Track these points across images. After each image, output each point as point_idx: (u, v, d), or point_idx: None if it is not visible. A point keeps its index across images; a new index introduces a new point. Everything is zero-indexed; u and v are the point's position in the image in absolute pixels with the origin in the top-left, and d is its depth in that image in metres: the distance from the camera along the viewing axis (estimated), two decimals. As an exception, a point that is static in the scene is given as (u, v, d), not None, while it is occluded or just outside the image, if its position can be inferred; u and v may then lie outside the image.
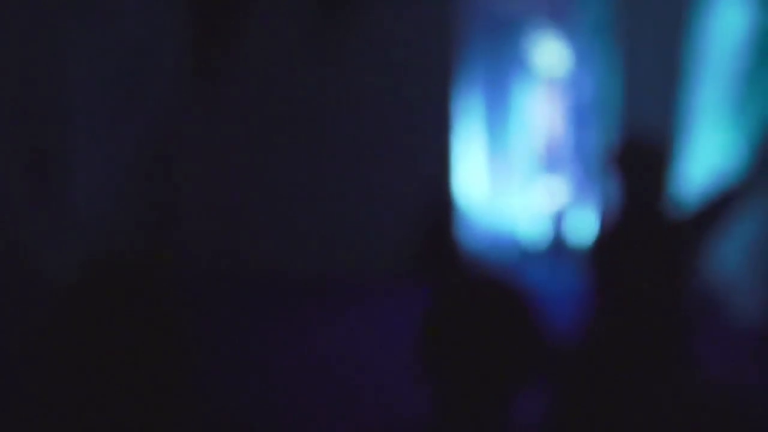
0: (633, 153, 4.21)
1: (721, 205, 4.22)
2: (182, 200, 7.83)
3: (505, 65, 9.73)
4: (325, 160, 9.45)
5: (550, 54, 9.56)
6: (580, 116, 9.53)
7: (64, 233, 6.13)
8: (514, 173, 9.81)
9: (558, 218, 9.72)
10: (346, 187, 9.41)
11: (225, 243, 9.51)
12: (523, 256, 9.71)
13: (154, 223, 7.44)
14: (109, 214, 6.69)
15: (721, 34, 7.58)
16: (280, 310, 8.21)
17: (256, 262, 9.45)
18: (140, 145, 7.25)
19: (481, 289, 2.07)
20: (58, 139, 6.22)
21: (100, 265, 2.07)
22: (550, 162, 9.71)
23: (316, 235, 9.43)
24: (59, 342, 1.96)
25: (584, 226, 9.33)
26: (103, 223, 6.64)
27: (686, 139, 7.73)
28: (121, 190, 6.92)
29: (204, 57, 9.33)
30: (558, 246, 9.68)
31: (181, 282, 2.10)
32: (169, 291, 2.03)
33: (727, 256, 7.71)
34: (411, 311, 2.12)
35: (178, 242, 7.73)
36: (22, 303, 5.61)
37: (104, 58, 6.76)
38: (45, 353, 1.97)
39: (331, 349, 7.25)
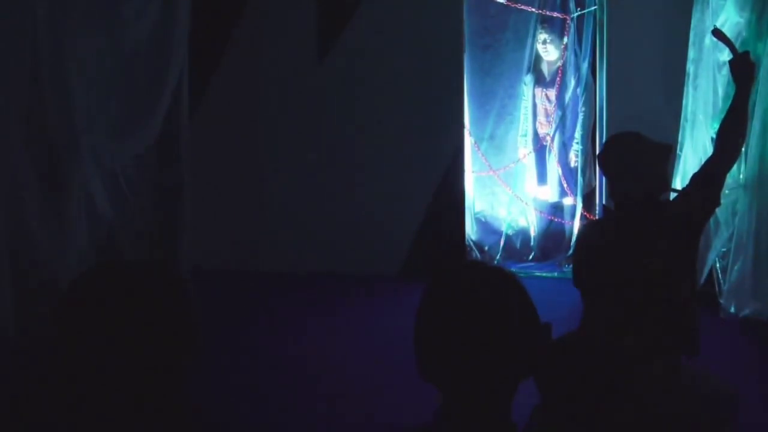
0: (625, 148, 4.20)
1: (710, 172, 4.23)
2: (185, 199, 7.85)
3: (501, 59, 9.74)
4: (330, 159, 9.46)
5: (545, 47, 9.56)
6: (572, 110, 9.53)
7: (69, 233, 6.16)
8: (508, 167, 9.82)
9: (550, 211, 9.72)
10: (351, 186, 9.42)
11: (228, 243, 9.53)
12: (517, 249, 9.71)
13: (160, 223, 7.46)
14: (113, 214, 6.72)
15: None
16: (281, 310, 8.22)
17: (258, 262, 9.47)
18: (145, 146, 7.28)
19: (476, 284, 2.09)
20: (62, 139, 6.25)
21: (104, 266, 2.09)
22: (543, 156, 9.72)
23: (321, 234, 9.43)
24: (63, 341, 1.98)
25: (576, 219, 9.36)
26: (107, 224, 6.66)
27: (678, 136, 7.74)
28: (125, 191, 6.94)
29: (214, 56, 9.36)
30: (550, 238, 9.68)
31: (184, 282, 2.12)
32: (171, 290, 2.05)
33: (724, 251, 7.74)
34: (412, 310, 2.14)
35: (181, 242, 7.76)
36: (27, 302, 5.64)
37: (107, 59, 6.79)
38: (47, 352, 1.99)
39: (334, 346, 7.26)
